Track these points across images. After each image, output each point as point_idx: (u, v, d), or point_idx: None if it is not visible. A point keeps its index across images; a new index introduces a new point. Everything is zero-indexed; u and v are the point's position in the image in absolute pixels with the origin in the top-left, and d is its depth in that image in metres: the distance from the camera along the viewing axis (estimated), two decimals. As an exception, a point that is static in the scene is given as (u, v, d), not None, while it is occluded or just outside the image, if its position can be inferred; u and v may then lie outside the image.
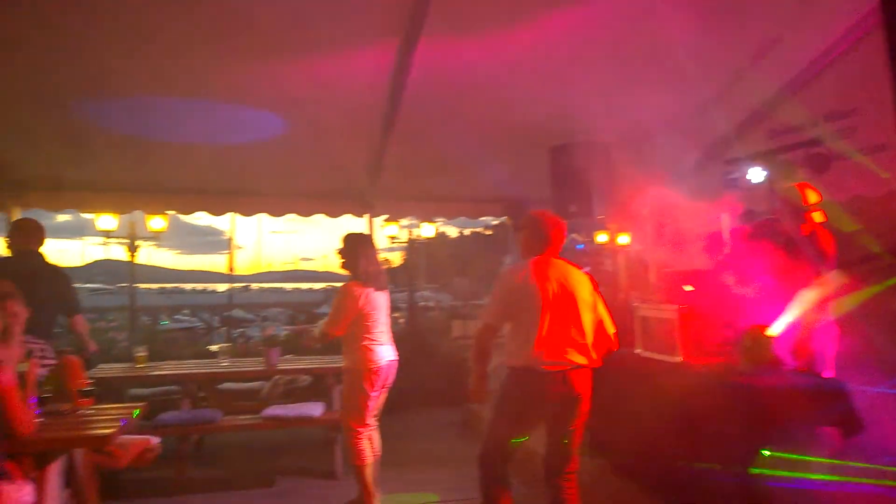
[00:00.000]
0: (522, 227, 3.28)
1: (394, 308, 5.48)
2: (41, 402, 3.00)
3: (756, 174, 4.94)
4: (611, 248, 7.99)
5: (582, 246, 6.60)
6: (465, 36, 4.10)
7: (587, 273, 3.25)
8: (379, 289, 3.91)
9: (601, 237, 7.72)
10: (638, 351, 4.23)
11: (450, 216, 6.79)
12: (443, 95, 4.71)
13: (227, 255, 26.33)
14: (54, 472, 2.85)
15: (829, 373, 3.68)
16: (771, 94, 4.95)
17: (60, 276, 4.25)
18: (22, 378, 2.71)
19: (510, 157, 5.43)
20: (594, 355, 3.05)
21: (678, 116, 5.09)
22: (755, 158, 4.97)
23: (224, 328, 20.09)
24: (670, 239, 6.16)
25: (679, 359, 3.79)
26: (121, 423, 2.94)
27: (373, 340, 3.82)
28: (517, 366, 3.00)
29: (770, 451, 2.99)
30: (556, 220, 3.21)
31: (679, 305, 3.90)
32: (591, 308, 3.10)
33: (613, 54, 4.31)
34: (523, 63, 4.42)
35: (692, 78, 4.51)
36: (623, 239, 7.74)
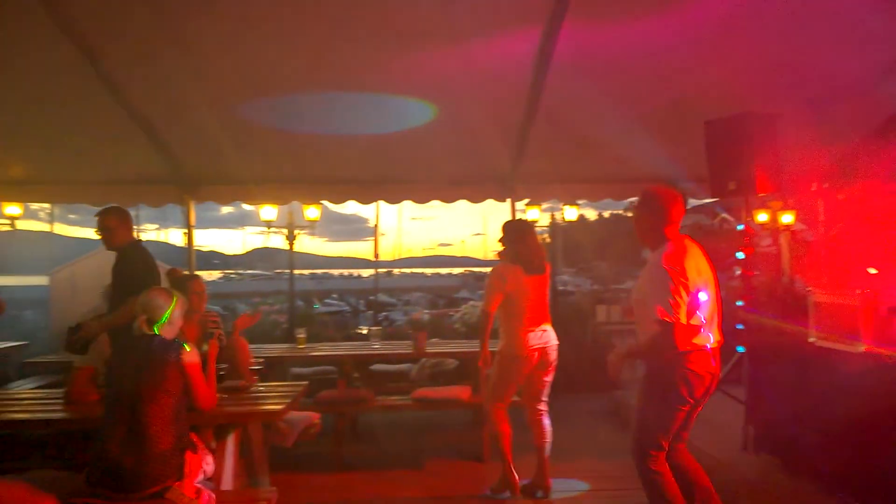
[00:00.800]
0: (640, 206, 3.09)
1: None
2: (218, 378, 3.29)
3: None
4: (772, 228, 7.33)
5: (741, 227, 6.07)
6: (612, 11, 3.90)
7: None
8: (530, 272, 3.88)
9: (761, 216, 7.11)
10: (812, 339, 3.81)
11: (594, 198, 6.52)
12: (587, 74, 4.52)
13: (372, 242, 27.56)
14: (232, 443, 3.12)
15: None
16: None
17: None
18: (204, 357, 2.97)
19: (660, 134, 5.11)
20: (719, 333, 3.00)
21: (857, 82, 4.50)
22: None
23: (370, 312, 21.17)
24: (847, 217, 5.50)
25: (862, 348, 3.36)
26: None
27: (520, 324, 3.81)
28: (685, 350, 2.81)
29: None
30: (675, 195, 3.03)
31: (862, 290, 3.46)
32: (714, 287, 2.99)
33: (781, 16, 3.88)
34: (676, 35, 4.11)
35: (875, 37, 3.97)
36: (787, 218, 7.06)
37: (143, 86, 4.65)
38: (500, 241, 4.05)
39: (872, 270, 3.75)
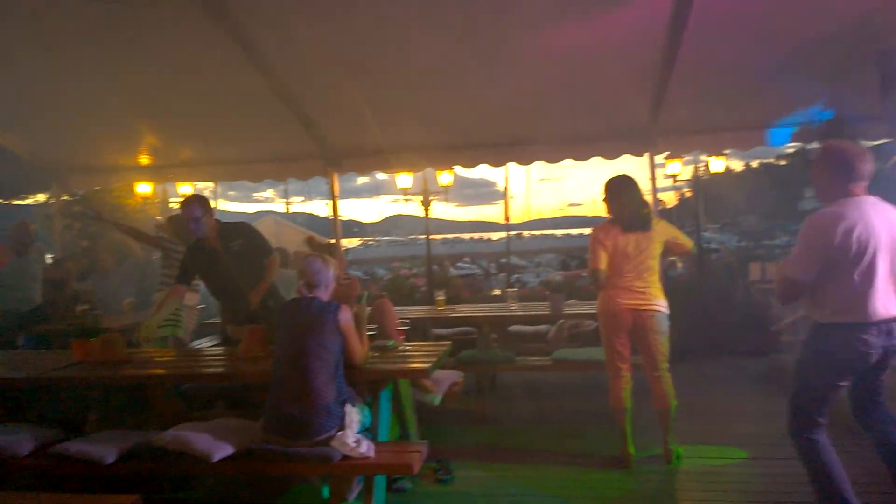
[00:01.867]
0: (818, 160, 2.82)
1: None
2: (369, 338, 3.49)
3: None
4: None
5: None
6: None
7: None
8: (629, 230, 3.69)
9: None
10: None
11: (744, 148, 6.04)
12: (733, 9, 4.16)
13: (502, 205, 27.59)
14: (385, 398, 3.31)
15: None
16: None
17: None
18: (356, 317, 3.17)
19: (820, 70, 4.61)
20: None
21: None
22: None
23: (502, 274, 21.32)
24: None
25: None
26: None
27: (613, 285, 3.69)
28: (840, 322, 2.63)
29: None
30: (861, 151, 2.72)
31: None
32: None
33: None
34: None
35: None
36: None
37: (291, 70, 4.94)
38: (602, 199, 3.84)
39: None
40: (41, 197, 8.75)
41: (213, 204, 4.25)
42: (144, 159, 6.41)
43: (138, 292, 6.35)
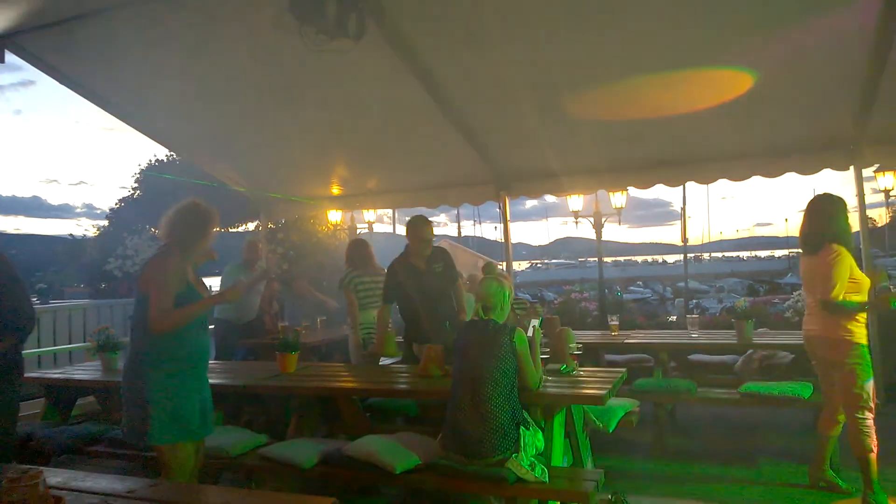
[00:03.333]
0: None
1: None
2: (543, 362, 3.50)
3: None
4: None
5: None
6: None
7: None
8: (806, 253, 3.61)
9: None
10: None
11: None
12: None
13: (678, 226, 26.16)
14: (557, 423, 3.29)
15: None
16: None
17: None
18: (531, 340, 3.20)
19: None
20: None
21: None
22: None
23: (678, 299, 20.10)
24: None
25: None
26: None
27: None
28: None
29: None
30: None
31: None
32: None
33: None
34: None
35: None
36: None
37: (465, 97, 5.15)
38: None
39: None
40: (250, 225, 9.97)
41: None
42: (336, 189, 7.06)
43: (330, 311, 6.94)
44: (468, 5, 4.10)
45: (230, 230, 10.22)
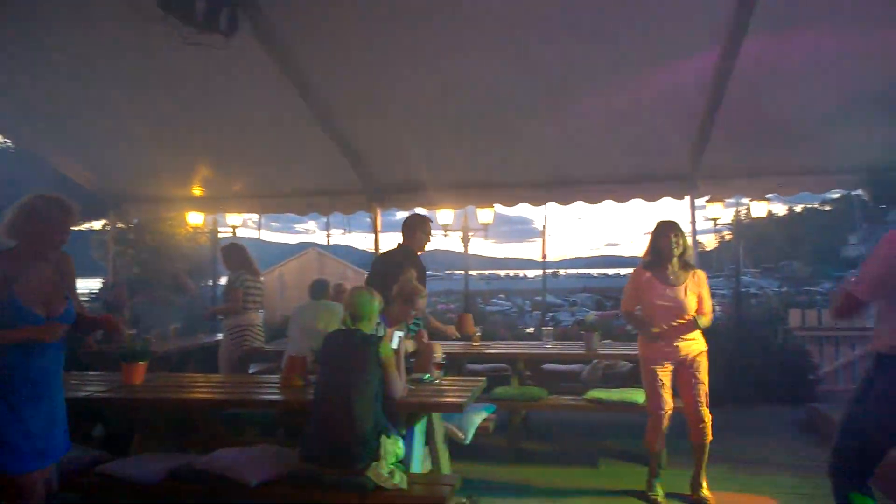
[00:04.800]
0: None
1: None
2: (407, 371, 3.57)
3: None
4: None
5: None
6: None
7: None
8: (658, 278, 3.83)
9: None
10: None
11: (787, 193, 5.96)
12: (777, 62, 4.22)
13: (538, 243, 27.63)
14: (418, 432, 3.37)
15: None
16: None
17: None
18: (395, 352, 3.25)
19: (870, 117, 4.60)
20: None
21: None
22: None
23: (536, 312, 21.18)
24: None
25: None
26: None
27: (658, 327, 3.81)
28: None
29: None
30: None
31: None
32: None
33: None
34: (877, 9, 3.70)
35: None
36: None
37: (340, 105, 5.15)
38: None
39: None
40: (96, 225, 9.17)
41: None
42: (198, 191, 6.71)
43: (187, 318, 6.57)
44: (349, 14, 4.13)
45: (72, 229, 9.31)
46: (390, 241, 5.17)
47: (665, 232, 3.82)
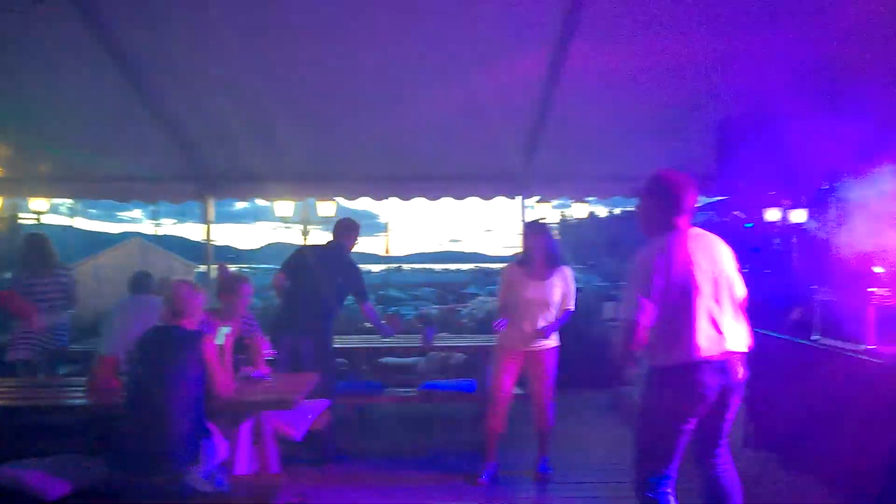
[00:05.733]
0: (648, 191, 2.73)
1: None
2: (235, 369, 3.41)
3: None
4: (783, 227, 7.35)
5: (751, 224, 6.13)
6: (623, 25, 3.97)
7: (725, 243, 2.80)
8: (526, 273, 4.07)
9: (772, 214, 7.12)
10: (816, 338, 3.87)
11: (603, 196, 6.60)
12: (600, 75, 4.60)
13: (384, 237, 27.78)
14: (246, 431, 3.23)
15: None
16: None
17: (352, 268, 4.72)
18: (220, 348, 3.09)
19: (670, 134, 5.18)
20: (748, 338, 2.67)
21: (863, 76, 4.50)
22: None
23: (379, 306, 21.30)
24: (857, 215, 5.51)
25: (866, 347, 3.42)
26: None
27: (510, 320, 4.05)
28: (670, 364, 2.55)
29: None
30: (688, 181, 2.67)
31: (869, 289, 3.52)
32: (738, 285, 2.69)
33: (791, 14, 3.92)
34: (687, 33, 4.17)
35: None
36: (798, 216, 7.07)
37: (166, 84, 4.77)
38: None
39: (879, 269, 3.79)
40: None
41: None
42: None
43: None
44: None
45: None
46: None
47: (532, 232, 4.15)
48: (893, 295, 3.52)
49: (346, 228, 4.73)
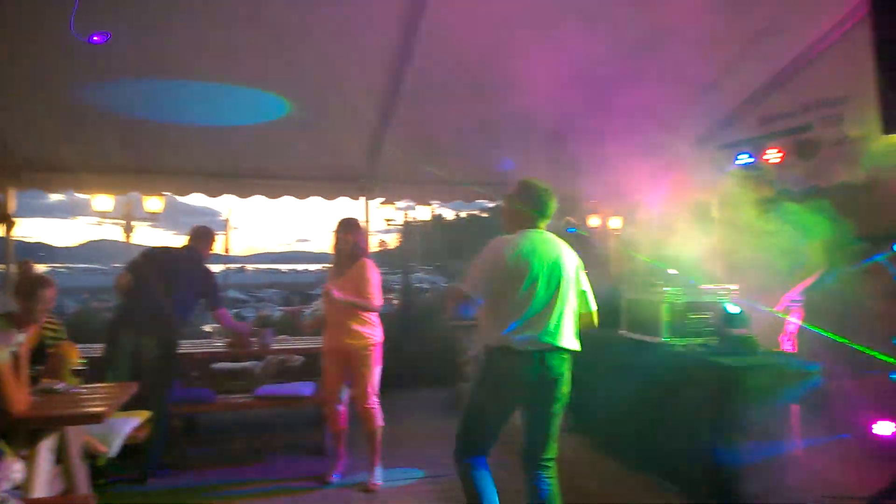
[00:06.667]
0: (514, 196, 3.01)
1: (388, 290, 5.52)
2: (33, 380, 3.06)
3: (744, 160, 4.96)
4: (602, 232, 8.07)
5: (574, 230, 6.66)
6: (466, 25, 4.12)
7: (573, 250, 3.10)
8: (332, 271, 4.16)
9: (593, 221, 7.79)
10: (623, 332, 4.31)
11: (445, 200, 6.81)
12: (443, 80, 4.75)
13: (223, 236, 26.35)
14: (45, 449, 2.91)
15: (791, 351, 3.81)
16: (764, 80, 4.97)
17: (206, 274, 4.60)
18: (14, 358, 2.76)
19: (508, 142, 5.47)
20: (576, 336, 2.93)
21: (674, 103, 5.08)
22: (744, 144, 4.98)
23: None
24: (663, 222, 6.19)
25: (661, 339, 3.87)
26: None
27: (334, 322, 4.09)
28: (494, 346, 2.80)
29: (739, 426, 3.09)
30: (551, 191, 2.98)
31: (664, 288, 3.98)
32: (576, 287, 2.97)
33: (614, 43, 4.31)
34: (521, 51, 4.43)
35: (691, 64, 4.52)
36: (615, 223, 7.80)
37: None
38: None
39: (672, 271, 4.30)
40: None
41: None
42: None
43: None
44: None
45: None
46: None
47: (337, 229, 4.15)
48: (682, 294, 4.01)
49: (203, 235, 4.67)
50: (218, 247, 5.24)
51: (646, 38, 4.26)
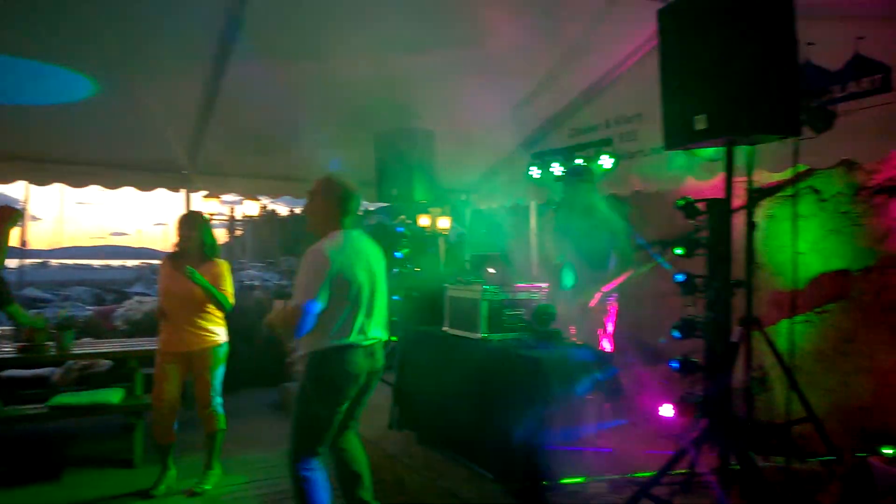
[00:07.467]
0: (320, 192, 3.00)
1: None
2: None
3: (557, 169, 5.37)
4: (431, 232, 8.32)
5: (402, 229, 6.81)
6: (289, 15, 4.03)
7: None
8: (175, 268, 3.95)
9: (423, 220, 8.01)
10: (445, 329, 4.48)
11: (274, 195, 6.58)
12: (268, 70, 4.58)
13: (20, 228, 23.19)
14: None
15: (608, 347, 4.22)
16: (576, 95, 5.42)
17: None
18: None
19: (337, 139, 5.43)
20: (388, 328, 3.14)
21: (498, 110, 5.36)
22: (557, 154, 5.40)
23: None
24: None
25: (480, 335, 4.08)
26: None
27: (174, 320, 3.92)
28: (329, 346, 2.85)
29: (550, 415, 3.38)
30: (353, 186, 3.01)
31: (482, 286, 4.20)
32: (386, 282, 3.12)
33: (442, 51, 4.46)
34: (351, 50, 4.43)
35: (512, 74, 4.80)
36: (443, 223, 8.10)
37: None
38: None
39: (491, 270, 4.56)
40: None
41: None
42: None
43: None
44: None
45: None
46: None
47: (181, 224, 3.98)
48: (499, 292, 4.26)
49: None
50: (13, 239, 4.57)
51: (469, 46, 4.47)
